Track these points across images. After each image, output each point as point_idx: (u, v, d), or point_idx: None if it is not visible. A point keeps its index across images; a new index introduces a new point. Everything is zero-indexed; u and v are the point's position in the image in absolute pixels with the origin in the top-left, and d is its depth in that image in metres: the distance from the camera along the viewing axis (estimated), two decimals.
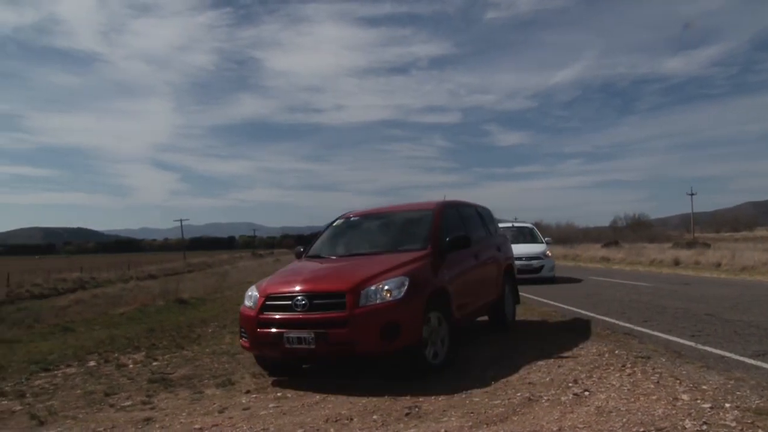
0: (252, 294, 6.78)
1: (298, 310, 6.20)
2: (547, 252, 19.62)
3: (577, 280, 19.89)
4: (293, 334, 6.13)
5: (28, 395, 6.85)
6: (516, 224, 22.09)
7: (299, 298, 6.23)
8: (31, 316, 20.98)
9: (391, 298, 6.06)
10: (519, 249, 18.03)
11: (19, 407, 6.33)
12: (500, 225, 21.57)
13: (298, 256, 8.33)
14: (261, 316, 6.46)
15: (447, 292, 6.88)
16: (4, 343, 12.26)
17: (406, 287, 6.14)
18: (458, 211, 8.66)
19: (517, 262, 17.45)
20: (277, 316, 6.35)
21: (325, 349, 6.04)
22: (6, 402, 6.64)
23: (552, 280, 18.98)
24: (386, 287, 6.11)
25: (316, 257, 7.92)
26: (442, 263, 7.09)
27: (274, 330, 6.29)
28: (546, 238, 20.98)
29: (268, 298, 6.52)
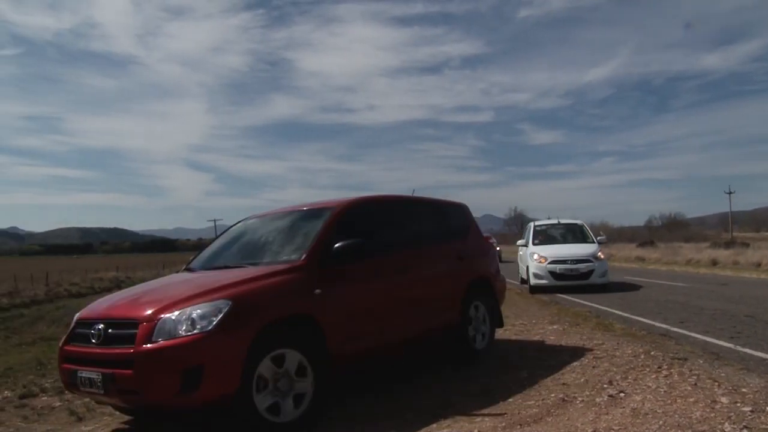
0: (75, 317, 5.45)
1: (94, 342, 4.77)
2: (599, 254, 16.07)
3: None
4: (85, 373, 4.70)
5: (66, 392, 6.98)
6: (563, 221, 18.75)
7: (99, 326, 4.79)
8: (70, 314, 21.41)
9: (196, 331, 4.41)
10: (564, 250, 16.23)
11: (58, 403, 6.48)
12: (544, 223, 19.00)
13: None
14: (65, 347, 5.13)
15: (314, 320, 5.11)
16: (44, 341, 12.56)
17: (221, 316, 4.49)
18: (380, 210, 6.78)
19: (560, 266, 15.65)
20: (76, 349, 4.99)
21: (115, 396, 4.64)
22: (46, 398, 6.81)
23: (605, 288, 15.70)
24: (193, 315, 4.48)
25: (189, 270, 6.41)
26: (323, 279, 5.33)
27: (70, 366, 4.93)
28: (599, 237, 17.74)
29: (77, 323, 5.21)
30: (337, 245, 5.50)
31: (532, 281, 15.97)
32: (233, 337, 4.50)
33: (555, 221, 18.81)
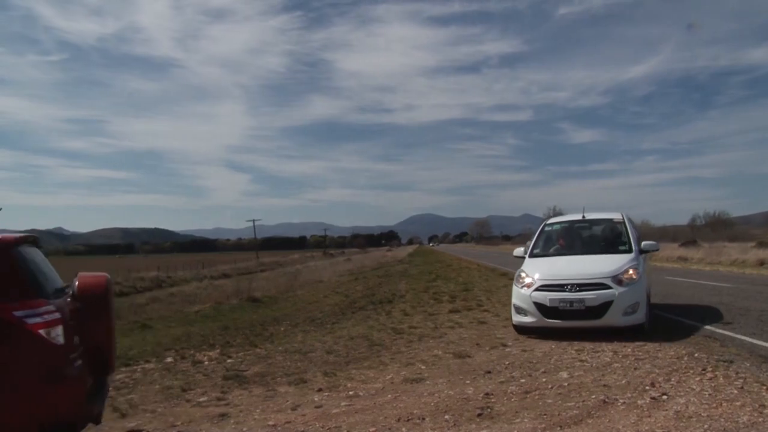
0: None
1: None
2: (630, 271, 9.08)
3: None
4: None
5: (110, 389, 7.14)
6: (590, 216, 11.42)
7: None
8: None
9: None
10: (567, 266, 9.65)
11: None
12: (560, 220, 12.13)
13: None
14: None
15: None
16: None
17: None
18: None
19: (552, 295, 8.98)
20: None
21: None
22: None
23: (639, 332, 8.70)
24: None
25: None
26: None
27: None
28: (644, 243, 10.35)
29: None
30: None
31: (514, 318, 9.56)
32: None
33: (578, 216, 11.66)
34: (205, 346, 9.96)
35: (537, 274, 9.40)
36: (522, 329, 9.41)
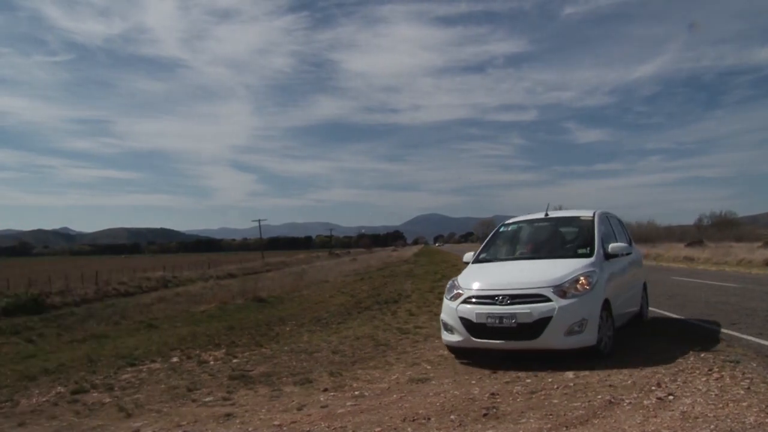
0: None
1: None
2: (581, 279, 7.26)
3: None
4: None
5: (116, 388, 7.18)
6: (555, 215, 9.73)
7: None
8: (118, 312, 22.02)
9: None
10: (507, 273, 7.95)
11: (108, 399, 6.65)
12: (519, 220, 9.88)
13: None
14: None
15: None
16: (94, 338, 12.89)
17: None
18: None
19: (479, 309, 7.27)
20: None
21: None
22: (96, 394, 7.00)
23: (592, 356, 6.99)
24: None
25: None
26: None
27: None
28: (612, 245, 8.32)
29: None
30: None
31: (442, 336, 7.88)
32: None
33: (540, 215, 9.76)
34: (211, 346, 9.98)
35: (476, 283, 7.68)
36: (451, 349, 7.84)
